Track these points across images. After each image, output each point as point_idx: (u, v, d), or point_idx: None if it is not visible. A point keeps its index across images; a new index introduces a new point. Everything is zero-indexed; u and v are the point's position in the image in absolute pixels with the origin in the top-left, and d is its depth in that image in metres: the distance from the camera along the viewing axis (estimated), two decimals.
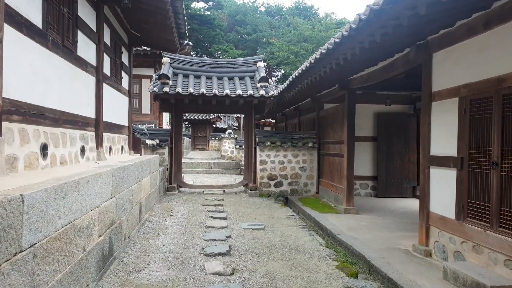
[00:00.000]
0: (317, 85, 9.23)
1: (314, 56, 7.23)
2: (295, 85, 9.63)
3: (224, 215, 8.09)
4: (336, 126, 10.22)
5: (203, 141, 30.08)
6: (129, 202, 5.63)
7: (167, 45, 9.31)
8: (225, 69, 11.53)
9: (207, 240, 6.08)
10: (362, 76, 8.15)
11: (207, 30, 50.28)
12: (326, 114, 11.23)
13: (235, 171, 18.60)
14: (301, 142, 11.42)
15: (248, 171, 11.60)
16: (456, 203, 4.80)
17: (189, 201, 9.90)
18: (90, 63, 5.82)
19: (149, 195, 7.72)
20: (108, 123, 6.92)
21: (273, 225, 7.48)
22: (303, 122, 14.15)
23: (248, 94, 10.50)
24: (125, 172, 5.37)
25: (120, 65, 7.91)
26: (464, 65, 4.74)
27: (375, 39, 4.77)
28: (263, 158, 11.40)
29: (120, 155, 7.84)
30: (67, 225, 3.05)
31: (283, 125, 17.61)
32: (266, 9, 65.14)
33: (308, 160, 11.53)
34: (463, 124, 4.73)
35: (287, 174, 11.46)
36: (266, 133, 11.70)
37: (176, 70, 11.31)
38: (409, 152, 11.65)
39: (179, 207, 9.06)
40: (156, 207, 8.62)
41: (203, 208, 8.95)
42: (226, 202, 9.92)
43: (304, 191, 11.51)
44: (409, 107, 11.82)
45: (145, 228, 6.65)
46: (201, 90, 10.36)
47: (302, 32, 49.06)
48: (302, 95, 10.94)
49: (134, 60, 19.19)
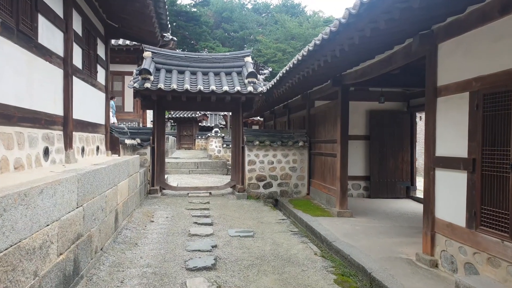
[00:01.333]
0: (309, 81, 8.71)
1: (307, 48, 6.67)
2: (286, 80, 9.08)
3: (209, 221, 7.49)
4: (328, 125, 9.72)
5: (189, 140, 29.36)
6: (101, 210, 5.01)
7: (148, 38, 8.65)
8: (211, 64, 10.92)
9: (191, 251, 5.49)
10: (356, 71, 7.64)
11: (193, 27, 49.47)
12: (317, 112, 10.72)
13: (222, 171, 18.00)
14: (291, 141, 10.88)
15: (235, 172, 11.02)
16: (467, 209, 4.31)
17: (172, 205, 9.27)
18: (56, 53, 5.15)
19: (127, 200, 7.08)
20: (80, 121, 6.26)
21: (263, 232, 6.92)
22: (292, 120, 13.63)
23: (235, 91, 9.91)
24: (96, 177, 4.74)
25: (95, 58, 7.24)
26: (476, 55, 4.24)
27: (378, 25, 4.24)
28: (252, 158, 10.83)
29: (95, 156, 7.17)
30: (7, 249, 2.44)
31: (272, 124, 17.07)
32: (253, 6, 64.53)
33: (299, 160, 11.01)
34: (474, 121, 4.24)
35: (276, 174, 10.91)
36: (254, 132, 11.14)
37: (159, 65, 10.65)
38: (402, 151, 11.24)
39: (161, 211, 8.44)
40: (136, 212, 7.98)
41: (187, 213, 8.34)
42: (212, 206, 9.32)
43: (294, 193, 10.98)
44: (402, 105, 11.40)
45: (121, 237, 6.02)
46: (185, 86, 9.73)
47: (289, 29, 48.63)
48: (292, 91, 10.40)
49: (117, 56, 18.49)
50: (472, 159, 4.22)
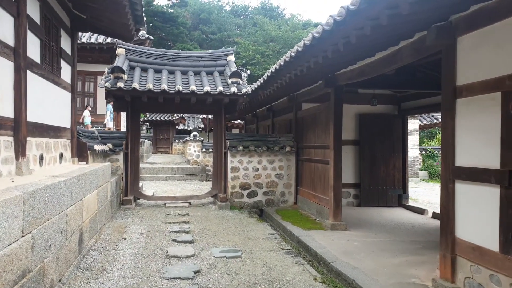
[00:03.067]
0: (298, 81, 8.00)
1: (303, 43, 5.92)
2: (273, 81, 8.34)
3: (190, 237, 6.63)
4: (318, 129, 9.03)
5: (166, 144, 28.21)
6: (60, 233, 4.09)
7: (121, 31, 7.73)
8: (190, 63, 10.05)
9: (169, 279, 4.62)
10: (352, 71, 6.97)
11: (170, 28, 48.26)
12: (305, 115, 10.03)
13: (201, 177, 17.08)
14: (278, 146, 10.14)
15: (217, 180, 10.17)
16: (501, 231, 3.65)
17: (147, 217, 8.34)
18: (2, 41, 4.21)
19: (95, 215, 6.15)
20: (38, 124, 5.30)
21: (252, 250, 6.12)
22: (277, 124, 12.90)
23: (217, 91, 9.09)
24: (53, 193, 3.84)
25: (58, 52, 6.27)
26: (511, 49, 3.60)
27: (381, 21, 3.55)
28: (235, 165, 10.02)
29: (57, 165, 6.20)
30: None
31: (254, 127, 16.30)
32: (231, 8, 63.81)
33: (286, 166, 10.28)
34: (509, 126, 3.59)
35: (262, 182, 10.14)
36: (238, 136, 10.34)
37: (133, 63, 9.70)
38: (394, 157, 10.68)
39: (135, 226, 7.51)
40: (106, 227, 7.02)
41: (164, 227, 7.45)
42: (193, 218, 8.45)
43: (281, 202, 10.23)
44: (393, 108, 10.85)
45: (87, 262, 5.09)
46: (162, 86, 8.84)
47: (269, 32, 48.10)
48: (279, 93, 9.68)
49: (89, 55, 17.33)
50: (508, 171, 3.56)
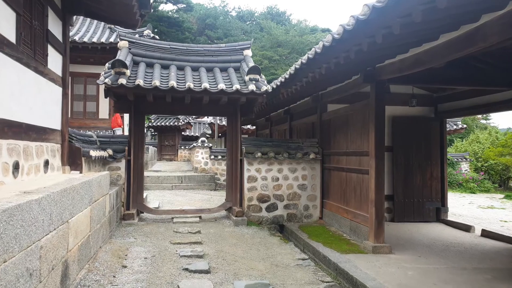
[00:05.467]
0: (330, 77, 6.79)
1: (342, 29, 4.79)
2: (300, 77, 7.12)
3: (205, 265, 5.34)
4: (351, 133, 7.77)
5: (171, 151, 27.01)
6: (28, 277, 2.85)
7: (123, 16, 6.53)
8: (202, 58, 8.84)
9: None
10: (402, 61, 5.74)
11: (175, 33, 47.42)
12: (333, 117, 8.78)
13: (210, 187, 15.82)
14: (301, 152, 8.88)
15: (232, 191, 8.91)
16: None
17: (153, 236, 7.08)
18: None
19: (88, 238, 4.91)
20: (12, 123, 4.09)
21: (284, 283, 4.84)
22: (296, 128, 11.64)
23: (233, 90, 7.87)
24: (14, 220, 2.61)
25: (44, 34, 5.08)
26: None
27: None
28: (252, 174, 8.76)
29: (41, 175, 4.97)
30: None
31: (267, 133, 15.03)
32: (237, 14, 63.14)
33: (309, 175, 9.00)
34: None
35: (282, 194, 8.86)
36: (255, 141, 9.09)
37: (137, 58, 8.52)
38: (431, 166, 9.41)
39: (138, 248, 6.25)
40: (102, 251, 5.78)
41: (172, 249, 6.19)
42: (205, 237, 7.18)
43: (304, 216, 8.94)
44: (429, 110, 9.59)
45: None
46: (170, 82, 7.64)
47: (276, 36, 47.18)
48: (302, 92, 8.42)
49: (91, 56, 16.19)
50: None
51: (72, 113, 15.13)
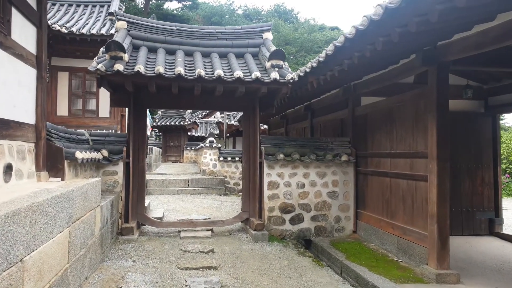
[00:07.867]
0: (375, 60, 5.45)
1: None
2: (336, 61, 5.73)
3: None
4: (398, 130, 6.36)
5: (177, 152, 25.69)
6: None
7: None
8: (214, 42, 7.45)
9: None
10: (479, 35, 4.33)
11: None
12: (370, 112, 7.36)
13: (219, 191, 14.45)
14: (330, 154, 7.48)
15: (249, 200, 7.53)
16: None
17: (155, 258, 5.71)
18: None
19: (64, 273, 3.55)
20: None
21: None
22: (319, 125, 10.21)
23: (253, 78, 6.49)
24: None
25: None
26: None
27: None
28: (273, 179, 7.37)
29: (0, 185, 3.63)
30: None
31: (283, 132, 13.59)
32: (243, 12, 61.82)
33: (341, 181, 7.60)
34: None
35: (309, 203, 7.46)
36: (276, 141, 7.71)
37: (137, 41, 7.17)
38: (482, 169, 7.98)
39: (137, 275, 4.88)
40: (89, 282, 4.42)
41: (180, 278, 4.81)
42: (220, 258, 5.79)
43: (335, 230, 7.53)
44: (478, 104, 8.15)
45: None
46: (177, 69, 6.28)
47: (284, 34, 45.75)
48: (333, 82, 7.04)
49: (89, 49, 14.79)
50: None
51: (70, 111, 13.92)
